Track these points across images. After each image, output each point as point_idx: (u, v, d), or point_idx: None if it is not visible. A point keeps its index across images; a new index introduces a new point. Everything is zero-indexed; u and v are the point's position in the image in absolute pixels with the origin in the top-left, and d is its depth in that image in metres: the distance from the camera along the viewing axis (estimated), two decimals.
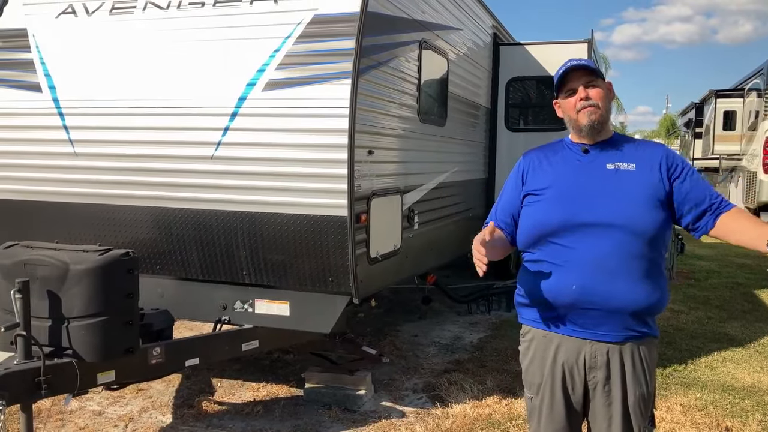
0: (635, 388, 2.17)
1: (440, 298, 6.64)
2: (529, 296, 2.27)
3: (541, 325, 2.26)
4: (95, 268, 3.14)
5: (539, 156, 2.34)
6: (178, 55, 3.94)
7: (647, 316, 2.19)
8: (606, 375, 2.17)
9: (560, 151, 2.32)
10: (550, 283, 2.17)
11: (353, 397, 4.24)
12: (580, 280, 2.11)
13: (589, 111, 2.19)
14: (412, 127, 4.51)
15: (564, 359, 2.21)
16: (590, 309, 2.13)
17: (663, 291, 2.19)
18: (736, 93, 21.75)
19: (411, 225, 4.52)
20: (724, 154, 20.77)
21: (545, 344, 2.25)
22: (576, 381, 2.21)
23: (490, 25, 6.87)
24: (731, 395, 4.47)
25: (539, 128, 7.20)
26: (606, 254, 2.09)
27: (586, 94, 2.20)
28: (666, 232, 2.19)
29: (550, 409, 2.25)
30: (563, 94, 2.26)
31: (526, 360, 2.33)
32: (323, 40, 3.64)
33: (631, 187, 2.15)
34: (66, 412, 4.08)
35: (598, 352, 2.17)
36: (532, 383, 2.31)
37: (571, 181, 2.19)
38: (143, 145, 3.97)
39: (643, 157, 2.22)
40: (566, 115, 2.28)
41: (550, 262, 2.17)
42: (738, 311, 6.98)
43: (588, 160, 2.24)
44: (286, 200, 3.71)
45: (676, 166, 2.19)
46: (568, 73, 2.22)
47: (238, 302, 3.98)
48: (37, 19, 4.28)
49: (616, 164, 2.20)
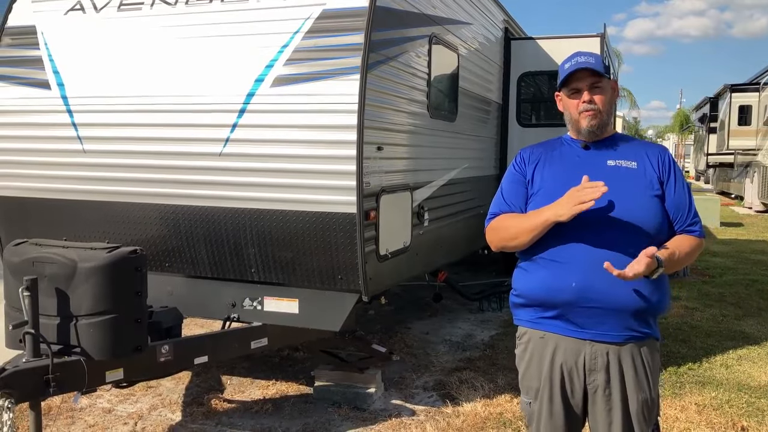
0: (638, 392, 2.11)
1: (451, 296, 6.61)
2: (525, 296, 2.22)
3: (538, 325, 2.21)
4: (103, 265, 3.12)
5: (537, 151, 2.30)
6: (186, 51, 3.91)
7: (648, 316, 2.14)
8: (606, 378, 2.12)
9: (559, 147, 2.28)
10: (548, 281, 2.12)
11: (363, 396, 4.22)
12: (580, 278, 2.06)
13: (590, 115, 2.16)
14: (422, 122, 4.47)
15: (562, 361, 2.15)
16: (590, 307, 2.08)
17: (665, 290, 2.15)
18: (751, 87, 21.55)
19: (421, 222, 4.48)
20: (739, 149, 20.58)
21: (542, 346, 2.20)
22: (575, 384, 2.16)
23: (501, 20, 6.80)
24: (747, 394, 4.39)
25: (551, 123, 7.10)
26: (607, 251, 2.04)
27: (590, 98, 2.15)
28: (666, 228, 2.15)
29: (549, 415, 2.19)
30: (567, 91, 2.21)
31: (523, 363, 2.28)
32: (332, 35, 3.60)
33: (633, 184, 2.12)
34: (76, 409, 4.08)
35: (598, 354, 2.12)
36: (530, 388, 2.25)
37: (571, 176, 2.13)
38: (152, 142, 3.95)
39: (644, 155, 2.19)
40: (567, 112, 2.24)
41: (549, 259, 2.12)
42: (754, 309, 6.89)
43: (588, 157, 2.20)
44: (295, 197, 3.68)
45: (668, 172, 2.16)
46: (574, 72, 2.16)
47: (247, 300, 3.96)
48: (45, 17, 4.27)
49: (618, 161, 2.17)
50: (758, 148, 18.97)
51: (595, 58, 2.17)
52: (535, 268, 2.16)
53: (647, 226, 2.08)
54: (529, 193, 2.23)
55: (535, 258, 2.16)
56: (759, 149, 18.84)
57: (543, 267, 2.13)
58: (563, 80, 2.20)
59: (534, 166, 2.25)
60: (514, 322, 2.33)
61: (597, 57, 2.20)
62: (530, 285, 2.18)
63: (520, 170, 2.28)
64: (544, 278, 2.13)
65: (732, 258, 10.28)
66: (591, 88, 2.15)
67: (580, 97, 2.17)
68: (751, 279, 8.47)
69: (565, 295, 2.09)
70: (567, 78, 2.18)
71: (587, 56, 2.18)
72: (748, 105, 20.91)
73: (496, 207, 2.30)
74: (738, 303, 7.12)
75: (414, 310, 6.62)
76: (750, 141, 19.93)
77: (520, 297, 2.24)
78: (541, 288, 2.15)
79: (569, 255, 2.08)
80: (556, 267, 2.10)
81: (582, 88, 2.16)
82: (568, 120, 2.24)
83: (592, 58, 2.17)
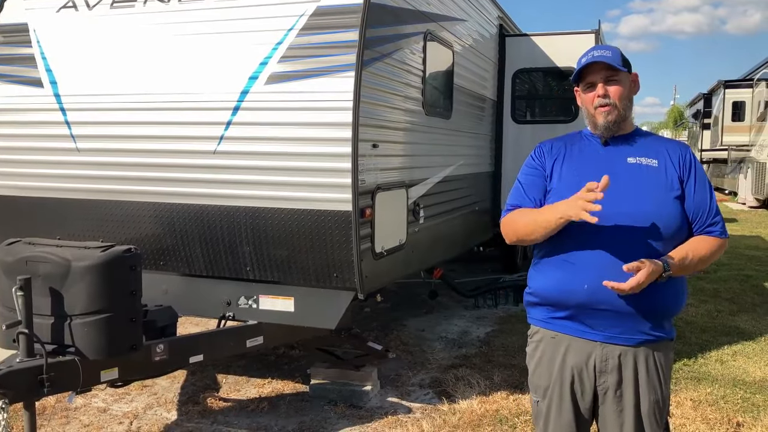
0: (649, 394, 2.08)
1: (447, 293, 6.60)
2: (539, 294, 2.19)
3: (550, 325, 2.18)
4: (97, 264, 3.11)
5: (557, 145, 2.23)
6: (179, 48, 3.89)
7: (663, 319, 2.11)
8: (618, 380, 2.09)
9: (578, 141, 2.23)
10: (561, 281, 2.08)
11: (359, 393, 4.21)
12: (593, 280, 2.01)
13: (606, 111, 2.10)
14: (417, 119, 4.46)
15: (573, 362, 2.12)
16: (602, 310, 2.04)
17: (681, 291, 2.11)
18: (744, 83, 21.60)
19: (416, 219, 4.47)
20: (733, 145, 20.64)
21: (554, 346, 2.17)
22: (585, 385, 2.13)
23: (496, 16, 6.79)
24: (742, 390, 4.41)
25: (546, 120, 7.12)
26: (622, 251, 1.99)
27: (605, 92, 2.09)
28: (685, 230, 2.09)
29: (558, 414, 2.16)
30: (583, 85, 2.16)
31: (534, 362, 2.25)
32: (326, 32, 3.59)
33: (654, 183, 2.07)
34: (70, 409, 4.06)
35: (610, 356, 2.08)
36: (539, 386, 2.22)
37: (591, 172, 2.04)
38: (145, 140, 3.93)
39: (665, 153, 2.12)
40: (584, 108, 2.19)
41: (563, 259, 2.08)
42: (748, 304, 6.91)
43: (608, 153, 2.14)
44: (290, 195, 3.66)
45: (689, 170, 2.10)
46: (588, 66, 2.11)
47: (243, 298, 3.95)
48: (37, 14, 4.24)
49: (638, 159, 2.11)
50: (752, 144, 19.03)
51: (612, 52, 2.12)
52: (549, 267, 2.13)
53: (665, 228, 2.02)
54: (548, 189, 2.18)
55: (549, 257, 2.13)
56: (752, 145, 18.90)
57: (557, 267, 2.10)
58: (578, 74, 2.15)
59: (554, 160, 2.19)
60: (528, 321, 2.30)
61: (615, 50, 2.14)
62: (544, 284, 2.15)
63: (540, 162, 2.22)
64: (558, 279, 2.09)
65: (726, 254, 10.26)
66: (606, 81, 2.10)
67: (595, 90, 2.12)
68: (745, 274, 8.50)
69: (578, 296, 2.05)
70: (582, 72, 2.13)
71: (603, 49, 2.13)
72: (742, 101, 20.97)
73: (514, 199, 2.24)
74: (733, 298, 7.14)
75: (410, 308, 6.62)
76: (743, 137, 19.99)
77: (534, 295, 2.21)
78: (554, 288, 2.11)
79: (583, 256, 2.04)
80: (569, 268, 2.06)
81: (596, 82, 2.11)
82: (585, 115, 2.19)
83: (608, 51, 2.11)
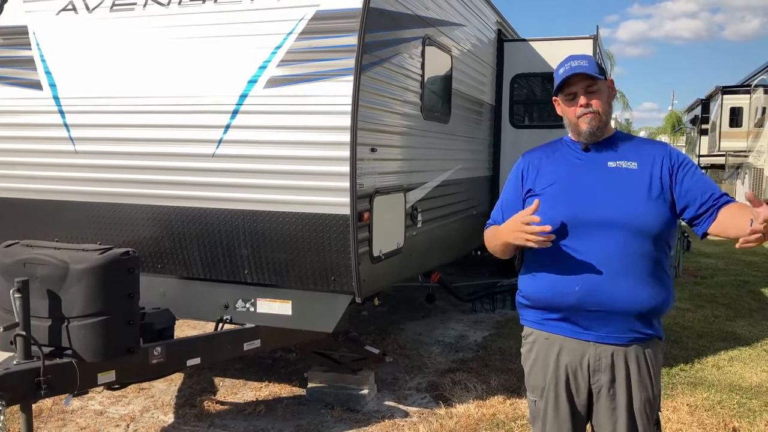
0: (641, 392, 2.13)
1: (444, 297, 6.61)
2: (531, 298, 2.23)
3: (544, 326, 2.22)
4: (95, 267, 3.11)
5: (539, 155, 2.30)
6: (179, 52, 3.90)
7: (652, 317, 2.15)
8: (611, 378, 2.13)
9: (559, 149, 2.28)
10: (552, 284, 2.13)
11: (356, 397, 4.22)
12: (584, 281, 2.07)
13: (589, 118, 2.15)
14: (415, 124, 4.47)
15: (567, 362, 2.17)
16: (594, 310, 2.09)
17: (668, 291, 2.15)
18: (742, 89, 21.69)
19: (414, 223, 4.48)
20: (731, 150, 20.72)
21: (548, 346, 2.21)
22: (580, 384, 2.18)
23: (495, 21, 6.81)
24: (738, 395, 4.42)
25: (544, 125, 7.13)
26: (609, 254, 2.05)
27: (587, 102, 2.15)
28: (670, 230, 2.14)
29: (555, 413, 2.21)
30: (563, 96, 2.21)
31: (529, 363, 2.29)
32: (325, 37, 3.60)
33: (634, 185, 2.11)
34: (67, 411, 4.06)
35: (602, 355, 2.13)
36: (536, 386, 2.27)
37: (572, 179, 2.14)
38: (144, 143, 3.94)
39: (645, 155, 2.17)
40: (566, 117, 2.23)
41: (553, 263, 2.12)
42: (745, 309, 6.93)
43: (588, 158, 2.19)
44: (288, 198, 3.67)
45: (679, 163, 2.14)
46: (568, 77, 2.15)
47: (240, 301, 3.95)
48: (37, 17, 4.25)
49: (618, 162, 2.16)
50: (749, 150, 19.10)
51: (588, 61, 2.16)
52: (540, 271, 2.17)
53: (649, 227, 2.07)
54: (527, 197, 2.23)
55: (539, 261, 2.17)
56: (750, 151, 18.97)
57: (547, 270, 2.14)
58: (558, 86, 2.19)
59: (536, 170, 2.25)
60: (520, 322, 2.34)
61: (590, 59, 2.18)
62: (535, 288, 2.20)
63: (522, 174, 2.28)
64: (548, 282, 2.14)
65: (723, 259, 10.34)
66: (587, 92, 2.15)
67: (576, 101, 2.16)
68: (742, 280, 8.53)
69: (569, 299, 2.10)
70: (562, 84, 2.18)
71: (580, 59, 2.17)
72: (739, 107, 21.06)
73: (492, 215, 2.36)
74: (729, 304, 7.16)
75: (407, 311, 6.62)
76: (741, 142, 20.07)
77: (526, 298, 2.26)
78: (545, 291, 2.16)
79: (573, 259, 2.08)
80: (559, 271, 2.11)
81: (578, 92, 2.16)
82: (567, 124, 2.24)
83: (585, 61, 2.16)
